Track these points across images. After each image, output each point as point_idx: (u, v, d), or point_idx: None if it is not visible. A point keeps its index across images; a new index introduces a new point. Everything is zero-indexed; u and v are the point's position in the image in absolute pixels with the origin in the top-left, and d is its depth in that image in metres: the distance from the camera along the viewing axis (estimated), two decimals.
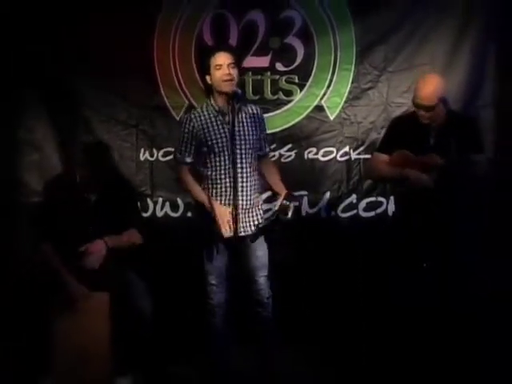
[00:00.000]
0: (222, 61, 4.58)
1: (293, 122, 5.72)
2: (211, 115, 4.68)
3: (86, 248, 4.69)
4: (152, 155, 5.76)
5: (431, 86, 4.80)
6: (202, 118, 4.72)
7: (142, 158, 5.76)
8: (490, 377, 4.57)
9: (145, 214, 5.69)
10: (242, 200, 4.63)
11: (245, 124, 4.73)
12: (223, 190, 4.64)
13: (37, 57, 5.54)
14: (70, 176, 4.94)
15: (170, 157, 5.67)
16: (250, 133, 4.74)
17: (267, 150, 4.95)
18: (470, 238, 4.90)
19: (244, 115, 4.75)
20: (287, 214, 4.55)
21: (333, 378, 4.93)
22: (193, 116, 4.74)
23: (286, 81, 5.75)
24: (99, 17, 5.50)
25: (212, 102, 4.68)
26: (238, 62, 4.71)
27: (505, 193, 5.39)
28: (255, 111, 4.83)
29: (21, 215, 5.51)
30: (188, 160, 4.75)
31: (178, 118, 5.68)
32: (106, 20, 5.50)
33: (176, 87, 5.71)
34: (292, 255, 5.52)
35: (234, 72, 4.59)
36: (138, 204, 5.45)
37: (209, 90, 4.72)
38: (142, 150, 5.76)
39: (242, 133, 4.70)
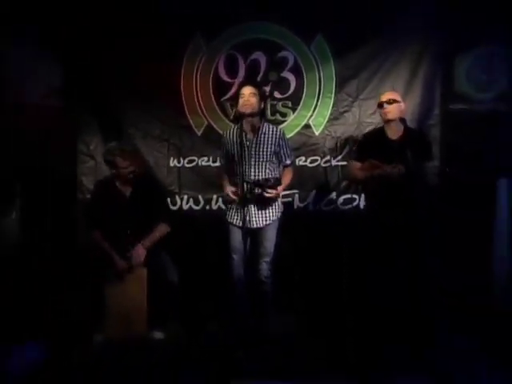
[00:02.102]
0: (244, 91, 4.83)
1: (287, 137, 5.70)
2: (237, 134, 4.83)
3: (131, 253, 4.85)
4: (179, 162, 5.83)
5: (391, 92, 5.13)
6: (230, 135, 4.97)
7: (171, 165, 5.83)
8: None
9: (174, 207, 5.78)
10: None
11: (262, 142, 4.87)
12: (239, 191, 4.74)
13: (96, 90, 5.68)
14: (115, 178, 5.02)
15: (193, 163, 5.81)
16: (265, 149, 4.86)
17: (287, 162, 5.05)
18: (425, 230, 4.99)
19: (263, 136, 4.88)
20: (268, 184, 4.74)
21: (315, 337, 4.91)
22: (225, 133, 5.06)
23: (282, 105, 5.83)
24: (141, 59, 5.59)
25: (241, 123, 4.76)
26: (260, 94, 4.92)
27: (447, 193, 5.44)
28: (277, 133, 4.96)
29: (79, 209, 5.60)
30: (222, 162, 5.11)
31: (199, 134, 5.80)
32: (145, 62, 5.59)
33: (198, 111, 5.79)
34: (286, 239, 5.54)
35: (253, 100, 4.80)
36: (168, 200, 5.61)
37: (239, 117, 4.84)
38: (172, 158, 5.83)
39: (256, 149, 4.84)
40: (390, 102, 4.92)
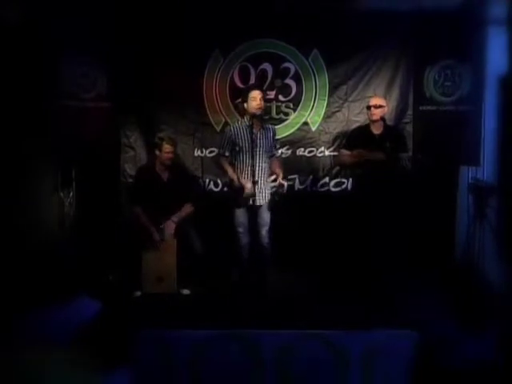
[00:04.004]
0: (255, 95, 4.93)
1: (289, 132, 5.95)
2: (243, 128, 4.98)
3: (164, 226, 5.01)
4: (202, 152, 5.94)
5: (378, 97, 5.33)
6: (237, 129, 5.04)
7: (196, 155, 5.95)
8: None
9: (197, 189, 5.84)
10: (258, 183, 4.87)
11: (264, 136, 5.05)
12: (245, 176, 4.89)
13: (136, 95, 5.68)
14: (155, 163, 5.14)
15: (213, 154, 5.85)
16: (266, 142, 5.04)
17: (274, 152, 5.25)
18: (398, 207, 5.02)
19: (264, 131, 5.08)
20: (282, 190, 4.91)
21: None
22: (232, 127, 5.10)
23: (285, 106, 5.96)
24: (172, 70, 5.66)
25: (245, 120, 4.96)
26: (264, 97, 5.05)
27: (417, 177, 5.51)
28: (272, 129, 5.18)
29: (122, 190, 5.77)
30: (226, 154, 5.07)
31: (218, 130, 5.91)
32: (175, 72, 5.66)
33: (217, 111, 5.91)
34: (289, 215, 5.63)
35: (263, 103, 4.96)
36: (193, 183, 5.73)
37: (244, 113, 5.02)
38: (196, 149, 5.94)
39: (261, 142, 5.01)
40: (377, 106, 5.17)
